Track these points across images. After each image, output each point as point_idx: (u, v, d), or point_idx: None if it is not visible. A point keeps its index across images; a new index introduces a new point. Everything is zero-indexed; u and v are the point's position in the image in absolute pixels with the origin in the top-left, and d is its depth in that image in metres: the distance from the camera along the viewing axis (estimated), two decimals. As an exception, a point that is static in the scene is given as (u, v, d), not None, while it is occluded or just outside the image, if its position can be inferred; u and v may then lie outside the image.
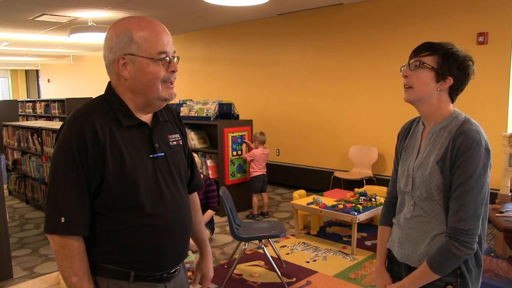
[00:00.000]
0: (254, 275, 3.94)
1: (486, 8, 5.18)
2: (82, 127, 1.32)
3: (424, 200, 1.59)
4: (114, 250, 1.38)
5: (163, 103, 1.45)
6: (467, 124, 1.53)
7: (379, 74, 6.23)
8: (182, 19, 7.58)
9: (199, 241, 1.78)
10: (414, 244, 1.63)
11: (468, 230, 1.47)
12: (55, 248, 1.34)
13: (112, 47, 1.36)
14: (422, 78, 1.56)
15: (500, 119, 5.18)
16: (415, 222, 1.64)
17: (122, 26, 1.36)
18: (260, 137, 5.75)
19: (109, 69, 1.40)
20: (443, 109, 1.59)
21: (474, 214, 1.48)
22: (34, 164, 6.24)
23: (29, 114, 11.58)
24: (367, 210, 4.52)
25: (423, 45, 1.60)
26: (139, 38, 1.33)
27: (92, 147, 1.31)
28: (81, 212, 1.33)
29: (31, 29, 8.18)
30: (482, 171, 1.48)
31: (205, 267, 1.76)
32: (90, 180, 1.33)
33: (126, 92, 1.41)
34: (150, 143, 1.44)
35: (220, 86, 8.72)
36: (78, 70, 13.70)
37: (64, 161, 1.32)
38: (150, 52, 1.34)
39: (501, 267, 3.95)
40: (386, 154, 6.28)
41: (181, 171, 1.54)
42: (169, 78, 1.39)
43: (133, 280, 1.40)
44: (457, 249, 1.48)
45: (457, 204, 1.49)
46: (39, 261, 4.38)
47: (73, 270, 1.32)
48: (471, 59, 1.57)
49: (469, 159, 1.47)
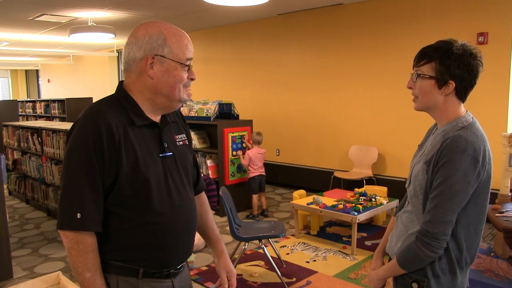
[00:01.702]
0: (254, 275, 3.94)
1: (485, 8, 5.18)
2: (98, 124, 1.34)
3: (413, 197, 1.63)
4: (123, 247, 1.41)
5: (179, 104, 1.51)
6: (462, 130, 1.50)
7: (379, 74, 6.24)
8: (182, 19, 7.58)
9: (213, 240, 1.78)
10: (397, 238, 1.69)
11: (433, 233, 1.48)
12: (69, 244, 1.35)
13: (142, 45, 1.41)
14: (423, 88, 1.57)
15: (500, 119, 5.18)
16: (404, 217, 1.69)
17: (155, 28, 1.42)
18: (255, 137, 5.75)
19: (131, 66, 1.44)
20: (450, 112, 1.57)
21: (441, 219, 1.48)
22: (34, 164, 6.24)
23: (29, 114, 11.59)
24: (367, 210, 4.52)
25: (421, 52, 1.58)
26: (172, 43, 1.41)
27: (108, 144, 1.34)
28: (96, 208, 1.35)
29: (31, 29, 8.18)
30: (460, 178, 1.45)
31: (227, 264, 1.75)
32: (104, 177, 1.35)
33: (145, 91, 1.45)
34: (160, 143, 1.48)
35: (220, 86, 8.72)
36: (78, 70, 13.70)
37: (79, 157, 1.34)
38: (180, 58, 1.42)
39: (501, 267, 3.95)
40: (386, 154, 6.28)
41: (188, 171, 1.59)
42: (189, 83, 1.49)
43: (141, 277, 1.43)
44: (419, 249, 1.51)
45: (429, 206, 1.51)
46: (39, 261, 4.39)
47: (86, 266, 1.35)
48: (472, 52, 1.51)
49: (447, 164, 1.46)
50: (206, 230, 1.78)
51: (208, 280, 3.84)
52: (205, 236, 1.79)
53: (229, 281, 1.74)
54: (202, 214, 1.76)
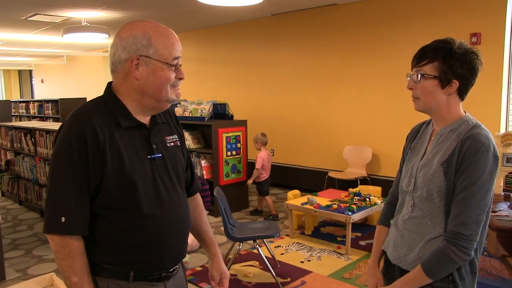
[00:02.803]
0: (249, 275, 3.94)
1: (479, 9, 5.21)
2: (82, 127, 1.33)
3: (424, 201, 1.56)
4: (113, 250, 1.40)
5: (168, 105, 1.49)
6: (477, 128, 1.49)
7: (373, 74, 6.25)
8: (176, 19, 7.57)
9: (206, 241, 1.77)
10: (408, 247, 1.60)
11: (468, 235, 1.44)
12: (55, 248, 1.34)
13: (127, 46, 1.38)
14: (426, 88, 1.52)
15: (493, 119, 5.21)
16: (411, 223, 1.61)
17: (140, 28, 1.39)
18: (262, 138, 5.76)
19: (117, 67, 1.42)
20: (453, 112, 1.56)
21: (475, 220, 1.44)
22: (28, 165, 6.20)
23: (22, 115, 11.52)
24: (361, 210, 4.54)
25: (421, 52, 1.55)
26: (158, 43, 1.38)
27: (92, 147, 1.33)
28: (81, 212, 1.35)
29: (24, 29, 8.13)
30: (488, 177, 1.44)
31: (220, 265, 1.75)
32: (89, 180, 1.34)
33: (132, 93, 1.43)
34: (148, 144, 1.46)
35: (214, 86, 8.71)
36: (72, 70, 13.64)
37: (64, 161, 1.33)
38: (166, 58, 1.40)
39: (494, 266, 3.98)
40: (380, 154, 6.30)
41: (179, 172, 1.56)
42: (177, 83, 1.46)
43: (132, 280, 1.42)
44: (455, 253, 1.44)
45: (459, 208, 1.45)
46: (33, 263, 4.36)
47: (73, 270, 1.34)
48: (473, 51, 1.52)
49: (475, 164, 1.43)
50: (200, 232, 1.76)
51: (202, 280, 3.83)
52: (199, 238, 1.78)
53: (222, 283, 1.74)
54: (196, 217, 1.74)
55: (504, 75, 5.14)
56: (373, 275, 1.78)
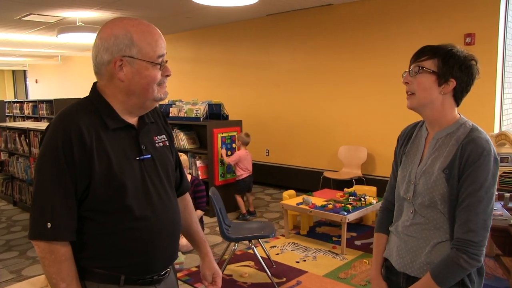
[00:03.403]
0: (244, 275, 3.94)
1: (473, 10, 5.23)
2: (68, 130, 1.29)
3: (426, 208, 1.54)
4: (103, 254, 1.36)
5: (156, 104, 1.46)
6: (475, 132, 1.48)
7: (368, 74, 6.27)
8: (171, 19, 7.55)
9: (197, 241, 1.76)
10: (413, 253, 1.58)
11: (477, 242, 1.42)
12: (42, 254, 1.30)
13: (109, 47, 1.33)
14: (423, 83, 1.50)
15: (487, 118, 5.24)
16: (414, 230, 1.58)
17: (121, 27, 1.34)
18: (244, 138, 5.72)
19: (101, 69, 1.37)
20: (448, 114, 1.54)
21: (483, 226, 1.43)
22: (22, 166, 6.17)
23: (17, 115, 11.45)
24: (357, 210, 4.54)
25: (422, 49, 1.54)
26: (141, 41, 1.34)
27: (79, 150, 1.29)
28: (67, 217, 1.30)
29: (18, 28, 8.09)
30: (492, 181, 1.43)
31: (212, 265, 1.74)
32: (76, 183, 1.30)
33: (117, 94, 1.39)
34: (137, 145, 1.43)
35: (210, 86, 8.70)
36: (66, 70, 13.58)
37: (49, 164, 1.30)
38: (151, 56, 1.35)
39: (488, 265, 4.00)
40: (375, 154, 6.32)
41: (168, 172, 1.53)
42: (163, 81, 1.42)
43: (123, 284, 1.38)
44: (466, 262, 1.43)
45: (465, 214, 1.43)
46: (27, 264, 4.34)
47: (61, 276, 1.30)
48: (474, 58, 1.51)
49: (479, 169, 1.42)
50: (191, 232, 1.74)
51: (198, 281, 3.83)
52: (190, 238, 1.76)
53: (215, 282, 1.73)
54: (187, 217, 1.73)
55: (498, 75, 5.17)
56: (377, 285, 1.74)
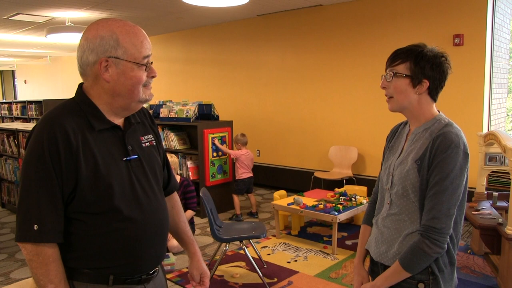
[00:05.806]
0: (236, 276, 3.93)
1: (461, 10, 5.28)
2: (53, 131, 1.29)
3: (400, 197, 1.62)
4: (91, 255, 1.37)
5: (141, 105, 1.46)
6: (448, 127, 1.57)
7: (358, 74, 6.30)
8: (162, 19, 7.53)
9: (185, 240, 1.75)
10: (388, 243, 1.66)
11: (440, 228, 1.50)
12: (29, 256, 1.30)
13: (94, 48, 1.34)
14: (398, 87, 1.60)
15: (476, 118, 5.29)
16: (390, 221, 1.67)
17: (106, 28, 1.35)
18: (242, 139, 5.73)
19: (86, 70, 1.38)
20: (426, 111, 1.62)
21: (446, 214, 1.51)
22: (10, 167, 6.11)
23: (5, 116, 11.33)
24: (347, 210, 4.56)
25: (395, 53, 1.64)
26: (126, 42, 1.34)
27: (65, 151, 1.29)
28: (54, 219, 1.30)
29: (6, 28, 8.00)
30: (458, 172, 1.51)
31: (200, 264, 1.74)
32: (63, 185, 1.30)
33: (103, 95, 1.39)
34: (123, 146, 1.43)
35: (200, 87, 8.68)
36: (55, 71, 13.48)
37: (35, 166, 1.29)
38: (136, 57, 1.36)
39: (477, 263, 4.04)
40: (366, 154, 6.35)
41: (156, 172, 1.53)
42: (149, 82, 1.42)
43: (112, 284, 1.39)
44: (428, 247, 1.51)
45: (431, 202, 1.52)
46: (16, 266, 4.29)
47: (49, 278, 1.30)
48: (443, 55, 1.59)
49: (446, 160, 1.50)
50: (179, 232, 1.74)
51: (189, 282, 3.82)
52: (178, 237, 1.76)
53: (203, 282, 1.74)
54: (175, 216, 1.73)
55: (486, 75, 5.22)
56: (358, 273, 1.83)
